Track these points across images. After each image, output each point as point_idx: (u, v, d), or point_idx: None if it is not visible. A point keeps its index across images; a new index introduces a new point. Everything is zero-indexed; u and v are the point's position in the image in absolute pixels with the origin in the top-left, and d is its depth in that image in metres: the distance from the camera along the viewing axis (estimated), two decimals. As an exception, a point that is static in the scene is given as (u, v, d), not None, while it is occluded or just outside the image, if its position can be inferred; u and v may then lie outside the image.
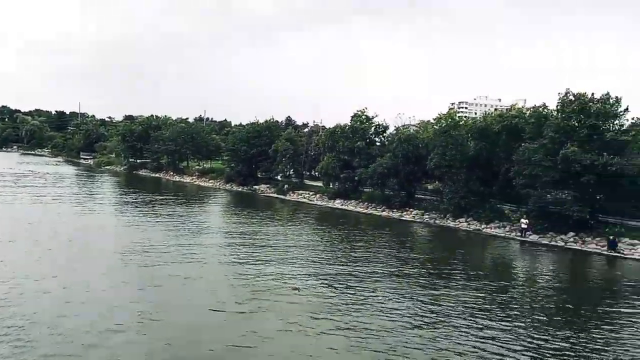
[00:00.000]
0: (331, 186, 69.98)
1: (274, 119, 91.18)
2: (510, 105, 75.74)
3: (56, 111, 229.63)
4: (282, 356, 17.67)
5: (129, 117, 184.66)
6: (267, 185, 79.94)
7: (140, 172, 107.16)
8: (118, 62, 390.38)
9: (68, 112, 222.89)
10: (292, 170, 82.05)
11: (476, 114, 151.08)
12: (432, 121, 63.66)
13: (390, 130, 68.86)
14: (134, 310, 21.21)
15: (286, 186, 75.79)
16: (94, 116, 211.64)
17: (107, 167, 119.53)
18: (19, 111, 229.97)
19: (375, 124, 67.94)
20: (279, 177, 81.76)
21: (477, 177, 52.35)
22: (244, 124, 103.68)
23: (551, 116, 46.41)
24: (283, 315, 21.28)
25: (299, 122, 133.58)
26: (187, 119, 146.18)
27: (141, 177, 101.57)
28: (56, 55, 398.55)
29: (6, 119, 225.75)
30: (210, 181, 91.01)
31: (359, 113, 67.88)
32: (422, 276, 29.40)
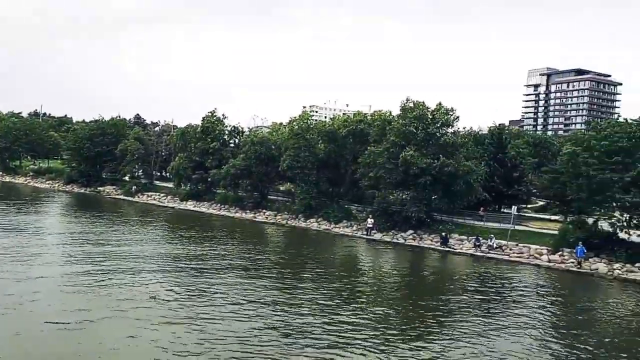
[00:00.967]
0: (183, 187, 68.17)
1: (120, 116, 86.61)
2: (357, 111, 79.81)
3: None
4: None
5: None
6: (114, 187, 75.48)
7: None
8: None
9: None
10: (141, 170, 78.45)
11: (326, 117, 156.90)
12: (285, 123, 65.06)
13: (244, 132, 69.24)
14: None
15: (134, 187, 72.18)
16: None
17: None
18: None
19: (230, 127, 67.79)
20: (126, 178, 77.66)
21: (326, 178, 54.52)
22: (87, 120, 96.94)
23: (394, 121, 49.89)
24: (130, 324, 20.21)
25: (148, 121, 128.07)
26: (21, 113, 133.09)
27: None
28: None
29: None
30: (47, 182, 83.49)
31: (209, 114, 67.39)
32: (275, 276, 29.87)
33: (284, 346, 18.70)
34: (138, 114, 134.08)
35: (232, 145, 67.85)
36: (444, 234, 43.95)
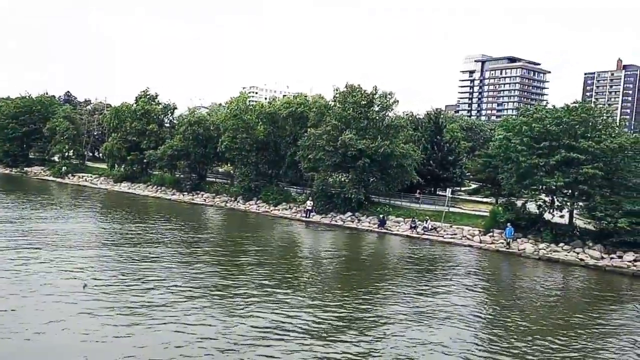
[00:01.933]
0: (117, 168, 65.97)
1: (47, 93, 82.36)
2: (298, 93, 79.63)
3: None
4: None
5: None
6: (42, 167, 72.20)
7: None
8: None
9: None
10: (72, 151, 75.27)
11: (266, 99, 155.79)
12: (224, 104, 64.04)
13: (180, 112, 67.70)
14: None
15: (64, 168, 69.23)
16: None
17: None
18: None
19: (162, 105, 65.99)
20: (56, 159, 74.30)
21: (266, 160, 54.21)
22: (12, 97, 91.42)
23: (333, 106, 50.05)
24: (57, 308, 19.41)
25: (80, 99, 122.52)
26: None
27: None
28: None
29: None
30: (-33, 163, 78.61)
31: (142, 93, 65.43)
32: (214, 259, 29.48)
33: (222, 329, 18.54)
34: (68, 91, 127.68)
35: (167, 125, 66.18)
36: (381, 216, 44.78)
